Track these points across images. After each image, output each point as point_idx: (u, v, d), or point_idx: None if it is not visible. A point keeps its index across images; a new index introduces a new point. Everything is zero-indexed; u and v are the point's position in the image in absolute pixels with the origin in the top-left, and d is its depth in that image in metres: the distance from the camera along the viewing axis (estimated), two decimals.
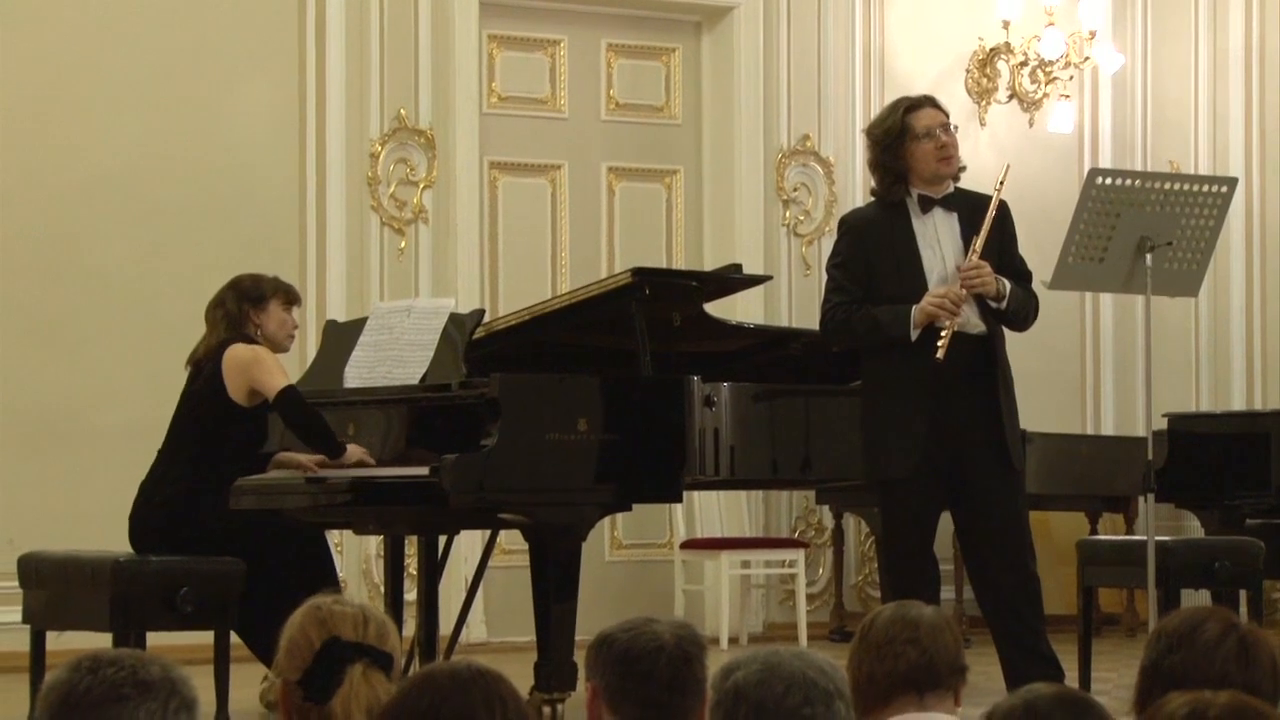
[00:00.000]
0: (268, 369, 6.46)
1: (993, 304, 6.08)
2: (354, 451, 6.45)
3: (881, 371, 6.17)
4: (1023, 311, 6.17)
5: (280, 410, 6.45)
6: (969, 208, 6.16)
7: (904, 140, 6.10)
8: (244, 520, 6.47)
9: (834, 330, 6.25)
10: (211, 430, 6.49)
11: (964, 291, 5.99)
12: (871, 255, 6.16)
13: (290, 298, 6.76)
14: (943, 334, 5.95)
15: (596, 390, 6.23)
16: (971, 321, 6.08)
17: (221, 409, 6.47)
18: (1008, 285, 6.08)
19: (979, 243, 6.04)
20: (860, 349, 6.30)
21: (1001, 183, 6.11)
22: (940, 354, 5.93)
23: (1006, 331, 6.25)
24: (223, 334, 6.58)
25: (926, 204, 6.13)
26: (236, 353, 6.50)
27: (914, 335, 6.02)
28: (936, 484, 6.09)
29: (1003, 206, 6.16)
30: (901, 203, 6.16)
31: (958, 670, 3.17)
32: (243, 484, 6.59)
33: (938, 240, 6.13)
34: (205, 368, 6.55)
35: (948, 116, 6.21)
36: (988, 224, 6.05)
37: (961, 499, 6.17)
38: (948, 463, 6.08)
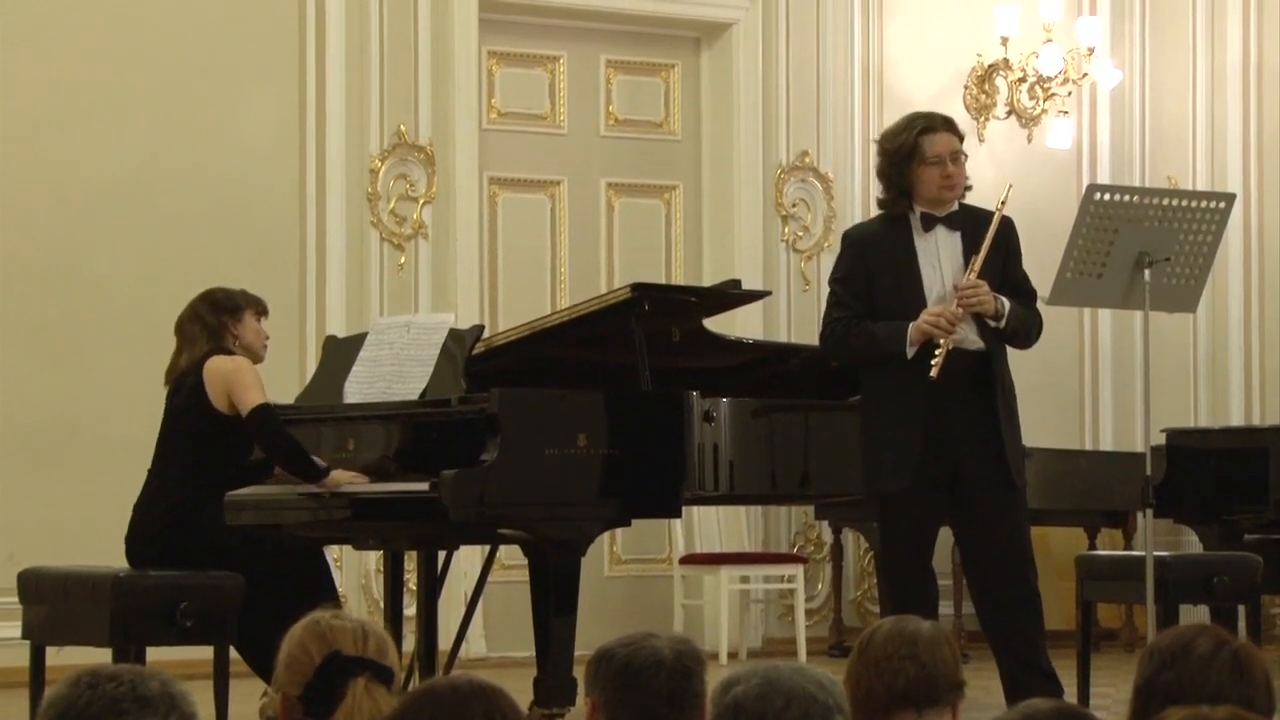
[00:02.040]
0: (246, 383, 6.44)
1: (991, 323, 6.08)
2: (339, 477, 6.41)
3: (879, 386, 6.18)
4: (1024, 330, 6.16)
5: (252, 428, 6.41)
6: (973, 225, 6.16)
7: (912, 161, 6.10)
8: (242, 534, 6.47)
9: (833, 345, 6.27)
10: (199, 442, 6.46)
11: (960, 311, 6.00)
12: (872, 271, 6.17)
13: (261, 309, 6.77)
14: (937, 352, 5.96)
15: (596, 405, 6.24)
16: (969, 338, 6.09)
17: (207, 420, 6.44)
18: (1007, 304, 6.08)
19: (978, 262, 6.05)
20: (859, 364, 6.31)
21: (1003, 202, 6.12)
22: (934, 372, 5.93)
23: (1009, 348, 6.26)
24: (204, 346, 6.55)
25: (929, 222, 6.14)
26: (217, 363, 6.49)
27: (910, 353, 6.03)
28: (934, 499, 6.10)
29: (1008, 224, 6.16)
30: (905, 218, 6.17)
31: (956, 686, 3.17)
32: (242, 498, 6.59)
33: (938, 258, 6.13)
34: (186, 381, 6.52)
35: (961, 140, 6.21)
36: (987, 243, 6.06)
37: (962, 514, 6.17)
38: (947, 478, 6.08)
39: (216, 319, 6.60)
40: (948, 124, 6.21)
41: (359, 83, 9.12)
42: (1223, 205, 6.22)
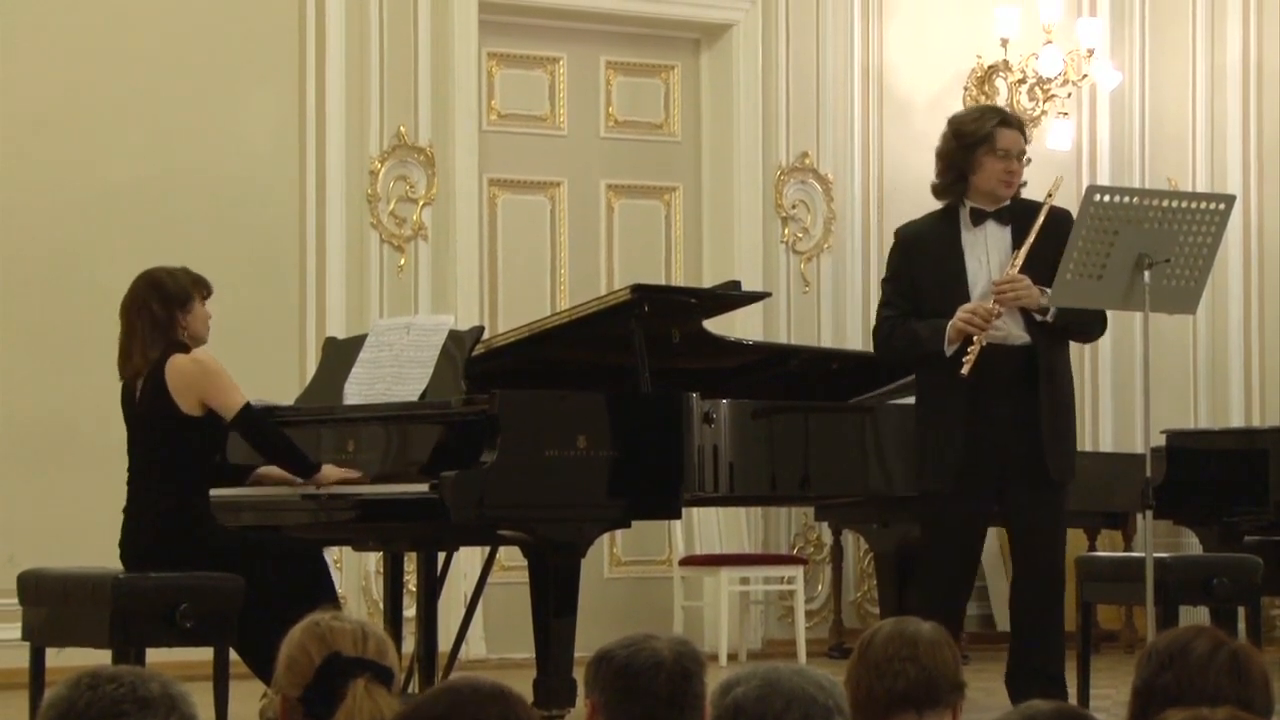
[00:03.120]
0: (221, 386, 6.25)
1: (1037, 317, 6.07)
2: (331, 472, 6.39)
3: (926, 384, 6.21)
4: (1078, 323, 6.13)
5: (240, 430, 6.31)
6: (1025, 218, 6.16)
7: (981, 147, 6.12)
8: (242, 535, 6.45)
9: (879, 345, 6.31)
10: (172, 446, 6.28)
11: (996, 307, 5.98)
12: (918, 269, 6.18)
13: (206, 292, 6.44)
14: (970, 349, 5.95)
15: (596, 407, 6.24)
16: (1013, 333, 6.08)
17: (174, 423, 6.27)
18: None
19: (1019, 256, 6.04)
20: (906, 363, 6.34)
21: (1050, 194, 6.14)
22: (965, 370, 5.93)
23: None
24: (157, 344, 6.27)
25: (978, 216, 6.15)
26: (180, 366, 6.26)
27: (949, 351, 6.02)
28: (977, 498, 6.08)
29: (1060, 215, 6.15)
30: (955, 213, 6.18)
31: (956, 687, 3.17)
32: (240, 500, 6.58)
33: (985, 252, 6.13)
34: (146, 384, 6.31)
35: (1026, 146, 6.26)
36: (1032, 236, 6.05)
37: (1005, 511, 6.18)
38: (993, 475, 6.08)
39: (167, 313, 6.30)
40: (1020, 125, 6.30)
41: (359, 84, 9.12)
42: (1222, 207, 6.21)
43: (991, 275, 6.08)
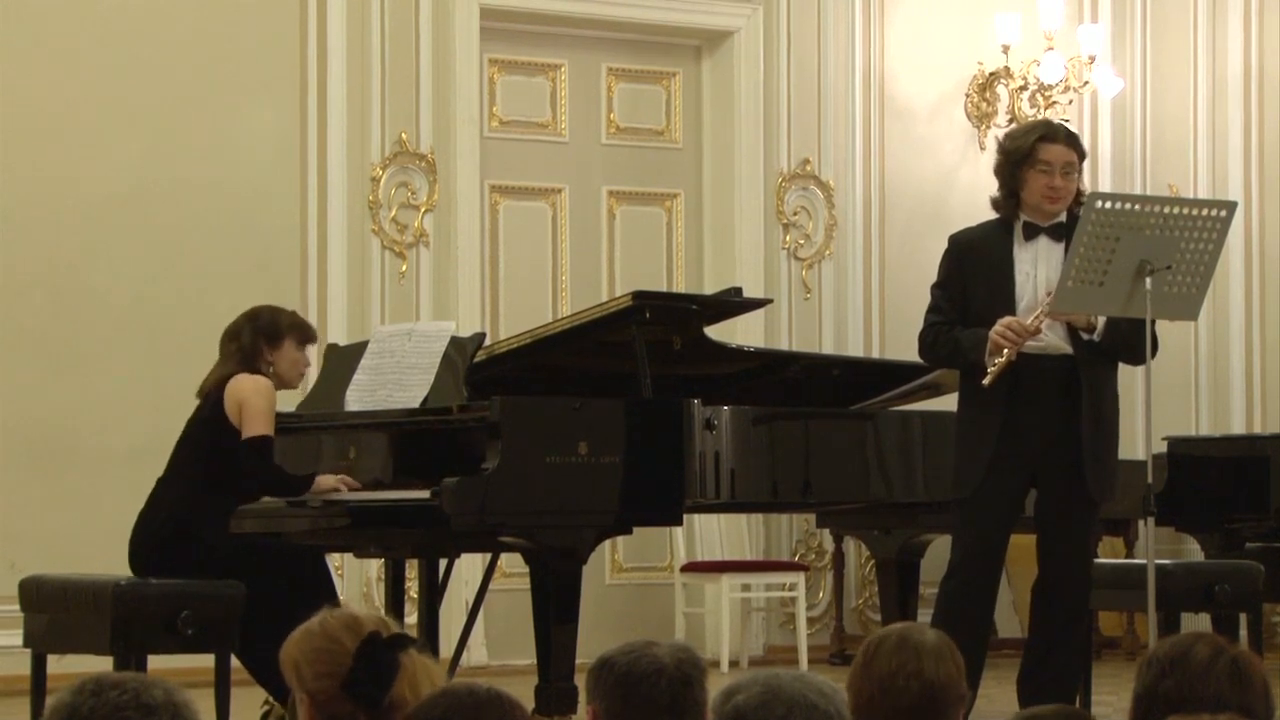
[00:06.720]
0: (257, 408, 6.38)
1: (1084, 335, 6.06)
2: (324, 481, 6.42)
3: (966, 390, 6.20)
4: (1127, 344, 6.07)
5: (244, 453, 6.36)
6: None
7: (1024, 164, 6.10)
8: (244, 544, 6.46)
9: (923, 350, 6.32)
10: (211, 456, 6.40)
11: (1034, 323, 5.97)
12: (969, 277, 6.18)
13: (305, 337, 6.65)
14: (997, 360, 5.94)
15: (597, 413, 6.24)
16: (1054, 343, 6.07)
17: (223, 436, 6.40)
18: (1102, 318, 6.07)
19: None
20: (950, 369, 6.35)
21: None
22: (986, 381, 5.93)
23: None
24: (234, 368, 6.49)
25: (1031, 231, 6.13)
26: (239, 383, 6.43)
27: (987, 362, 6.01)
28: (1007, 505, 6.08)
29: None
30: (1010, 225, 6.17)
31: (959, 698, 3.16)
32: (243, 507, 6.59)
33: (1035, 267, 6.11)
34: (210, 396, 6.50)
35: (1081, 158, 6.19)
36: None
37: (1037, 519, 6.17)
38: (1021, 482, 6.08)
39: (253, 343, 6.50)
40: (1069, 138, 6.21)
41: (360, 91, 9.13)
42: (1224, 213, 6.21)
43: (1037, 290, 6.07)
